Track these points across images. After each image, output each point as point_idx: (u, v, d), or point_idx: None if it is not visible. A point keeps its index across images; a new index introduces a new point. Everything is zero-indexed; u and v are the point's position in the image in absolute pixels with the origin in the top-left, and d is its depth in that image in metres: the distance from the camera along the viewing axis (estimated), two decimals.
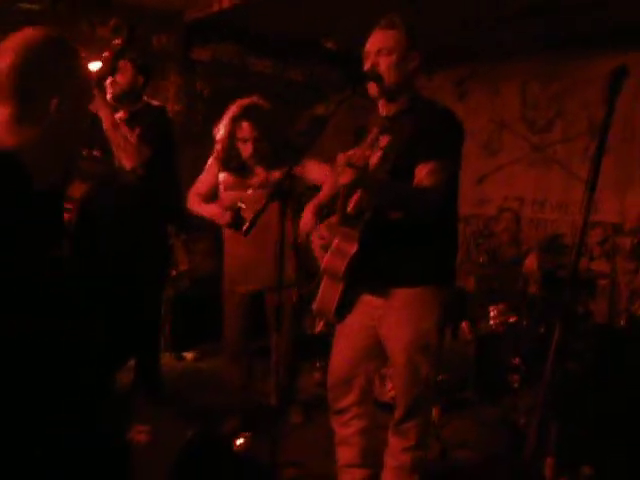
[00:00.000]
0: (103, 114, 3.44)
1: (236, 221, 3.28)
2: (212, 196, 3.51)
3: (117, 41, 3.49)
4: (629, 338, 3.57)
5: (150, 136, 3.58)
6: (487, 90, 6.18)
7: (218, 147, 3.43)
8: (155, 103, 3.90)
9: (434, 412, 3.49)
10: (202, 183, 3.54)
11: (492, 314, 4.28)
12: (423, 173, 2.33)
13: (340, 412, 2.68)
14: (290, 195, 2.15)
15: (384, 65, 2.41)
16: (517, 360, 4.01)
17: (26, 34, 1.41)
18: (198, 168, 3.64)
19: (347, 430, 2.69)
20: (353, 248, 2.38)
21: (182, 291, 5.86)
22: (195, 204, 3.53)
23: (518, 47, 5.40)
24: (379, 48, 2.41)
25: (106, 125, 3.45)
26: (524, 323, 4.13)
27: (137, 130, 3.57)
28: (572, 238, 4.55)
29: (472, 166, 6.26)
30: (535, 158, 5.84)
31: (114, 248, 3.50)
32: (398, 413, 2.56)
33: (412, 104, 2.48)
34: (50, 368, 1.33)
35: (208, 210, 3.47)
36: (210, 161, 3.52)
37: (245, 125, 3.30)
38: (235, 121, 3.32)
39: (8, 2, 4.66)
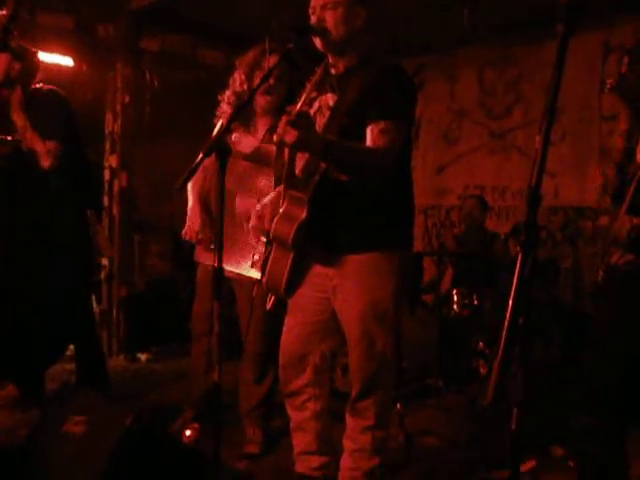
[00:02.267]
0: (15, 117, 3.25)
1: None
2: None
3: (2, 12, 3.21)
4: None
5: (51, 128, 3.29)
6: (444, 79, 6.10)
7: (233, 91, 3.06)
8: (45, 87, 3.50)
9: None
10: None
11: (455, 298, 4.15)
12: (374, 133, 2.19)
13: (293, 394, 2.49)
14: (229, 151, 1.96)
15: (331, 19, 2.27)
16: (481, 344, 3.89)
17: None
18: (151, 160, 3.41)
19: (302, 414, 2.50)
20: (302, 213, 2.21)
21: (136, 292, 5.66)
22: None
23: (474, 33, 5.32)
24: (324, 2, 2.28)
25: (19, 127, 3.25)
26: (487, 306, 4.01)
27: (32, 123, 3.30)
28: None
29: (431, 156, 6.21)
30: (495, 145, 5.77)
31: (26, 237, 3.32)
32: (355, 390, 2.38)
33: (361, 62, 2.34)
34: None
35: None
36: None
37: (274, 56, 2.85)
38: (263, 54, 2.93)
39: None
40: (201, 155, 1.88)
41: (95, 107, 5.22)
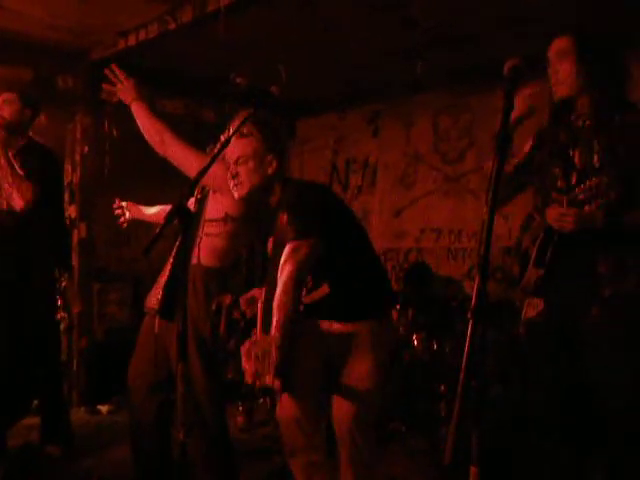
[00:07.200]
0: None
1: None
2: None
3: None
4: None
5: (38, 175, 3.45)
6: (400, 124, 6.26)
7: None
8: (39, 140, 3.75)
9: None
10: None
11: (415, 343, 4.22)
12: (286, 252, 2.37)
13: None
14: (190, 214, 2.01)
15: (243, 172, 2.51)
16: (443, 387, 3.95)
17: None
18: (110, 208, 3.41)
19: None
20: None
21: (96, 342, 5.59)
22: None
23: (428, 81, 5.50)
24: (237, 158, 2.52)
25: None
26: (447, 350, 4.09)
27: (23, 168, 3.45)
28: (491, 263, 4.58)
29: (388, 200, 6.34)
30: (450, 189, 5.92)
31: None
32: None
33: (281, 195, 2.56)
34: None
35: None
36: None
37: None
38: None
39: None
40: (163, 222, 1.93)
41: None
